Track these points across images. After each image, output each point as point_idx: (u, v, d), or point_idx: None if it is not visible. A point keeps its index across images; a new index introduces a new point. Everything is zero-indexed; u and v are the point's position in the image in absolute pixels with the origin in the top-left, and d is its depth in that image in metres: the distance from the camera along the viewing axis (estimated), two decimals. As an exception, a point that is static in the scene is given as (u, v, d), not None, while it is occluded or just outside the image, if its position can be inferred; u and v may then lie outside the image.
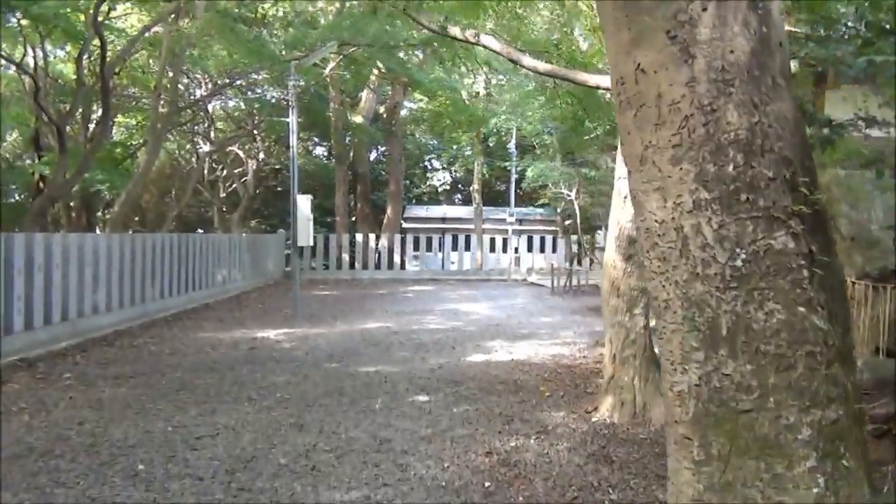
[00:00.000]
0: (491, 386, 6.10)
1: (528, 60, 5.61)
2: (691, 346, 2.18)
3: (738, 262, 2.07)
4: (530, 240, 20.87)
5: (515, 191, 21.98)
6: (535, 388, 6.02)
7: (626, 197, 5.05)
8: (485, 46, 5.96)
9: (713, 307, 2.11)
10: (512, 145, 21.19)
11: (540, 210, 29.70)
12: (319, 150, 30.68)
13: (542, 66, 5.71)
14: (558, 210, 25.11)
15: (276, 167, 23.68)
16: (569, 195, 19.60)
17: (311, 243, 10.69)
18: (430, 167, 36.51)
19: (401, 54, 15.67)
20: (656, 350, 6.11)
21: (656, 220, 2.24)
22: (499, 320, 10.71)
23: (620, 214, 5.11)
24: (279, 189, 25.43)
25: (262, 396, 5.67)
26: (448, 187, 34.43)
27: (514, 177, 21.62)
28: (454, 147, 32.81)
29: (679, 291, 2.19)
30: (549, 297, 14.45)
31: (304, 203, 10.39)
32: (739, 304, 2.08)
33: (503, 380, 6.36)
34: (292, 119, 10.46)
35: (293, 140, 10.43)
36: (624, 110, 2.34)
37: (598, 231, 21.50)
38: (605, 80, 5.32)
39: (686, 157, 2.14)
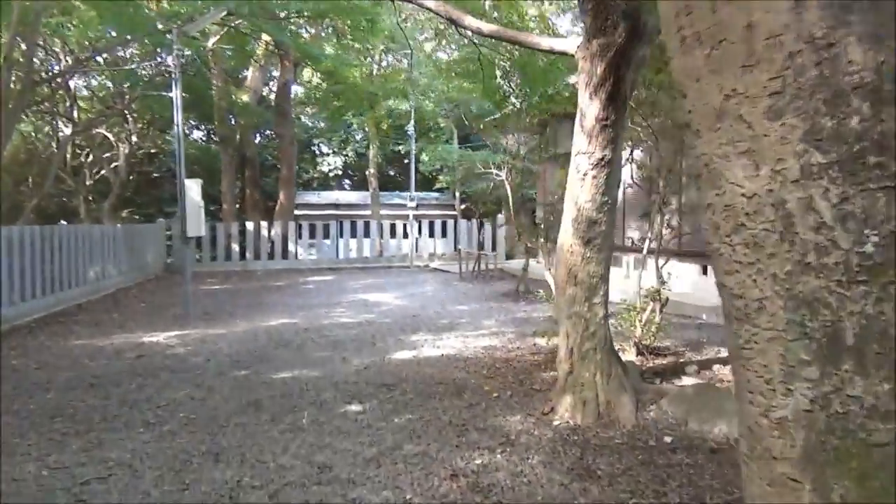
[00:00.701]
0: (429, 388, 5.47)
1: (470, 20, 4.98)
2: (799, 360, 1.63)
3: (869, 248, 1.54)
4: (431, 225, 20.32)
5: (415, 175, 21.30)
6: (477, 387, 5.46)
7: (585, 174, 4.56)
8: (419, 4, 5.26)
9: (833, 308, 1.57)
10: (411, 127, 20.50)
11: (436, 194, 29.31)
12: (198, 134, 28.58)
13: (487, 26, 5.10)
14: (457, 194, 24.78)
15: (152, 151, 21.66)
16: (498, 175, 19.08)
17: (203, 233, 9.56)
18: (318, 152, 35.11)
19: (292, 27, 14.53)
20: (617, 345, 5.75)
21: (743, 194, 1.66)
22: (413, 310, 10.09)
23: (579, 193, 4.60)
24: (155, 176, 23.36)
25: (160, 419, 4.74)
26: (339, 172, 33.22)
27: (413, 160, 20.93)
28: (345, 130, 31.74)
29: (780, 288, 1.63)
30: (458, 283, 13.99)
31: (193, 188, 9.23)
32: (871, 304, 1.54)
33: (440, 379, 5.75)
34: (176, 93, 9.22)
35: (178, 117, 9.21)
36: (689, 50, 1.74)
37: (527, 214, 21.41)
38: (559, 43, 4.79)
39: (790, 108, 1.57)
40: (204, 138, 27.15)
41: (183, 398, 5.27)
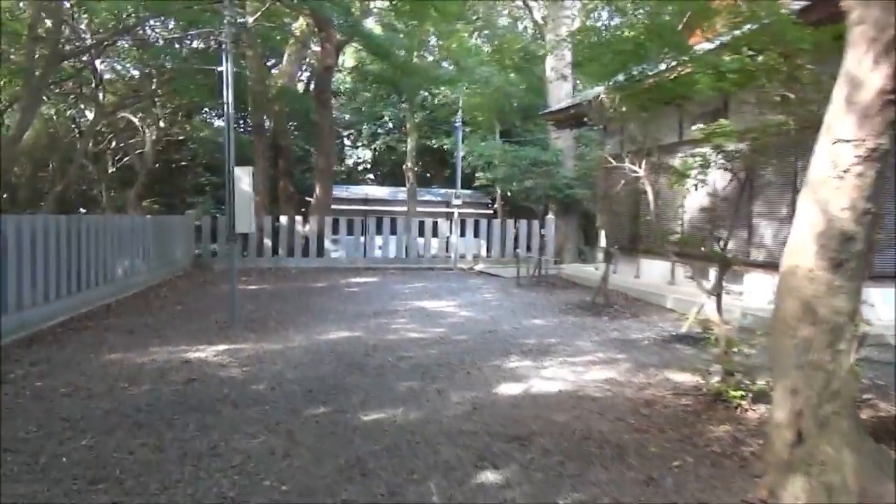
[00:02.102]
0: (575, 445, 4.20)
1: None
2: None
3: None
4: (475, 224, 19.00)
5: (462, 170, 19.99)
6: (639, 447, 4.18)
7: (846, 170, 3.25)
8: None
9: None
10: (458, 117, 19.22)
11: (468, 191, 28.01)
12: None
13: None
14: (498, 192, 23.48)
15: (180, 138, 20.53)
16: (634, 171, 17.78)
17: (253, 229, 8.32)
18: (347, 143, 33.92)
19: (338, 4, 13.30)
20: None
21: None
22: (485, 324, 8.82)
23: (830, 196, 3.30)
24: (183, 164, 22.24)
25: (239, 488, 3.50)
26: (368, 165, 32.01)
27: (459, 154, 19.64)
28: (374, 122, 30.52)
29: None
30: (517, 290, 12.71)
31: (243, 178, 8.02)
32: None
33: (581, 431, 4.48)
34: (227, 66, 8.00)
35: (228, 93, 7.96)
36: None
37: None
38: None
39: None
40: (237, 125, 25.99)
41: (259, 449, 4.03)
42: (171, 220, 15.09)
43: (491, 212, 26.60)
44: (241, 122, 25.27)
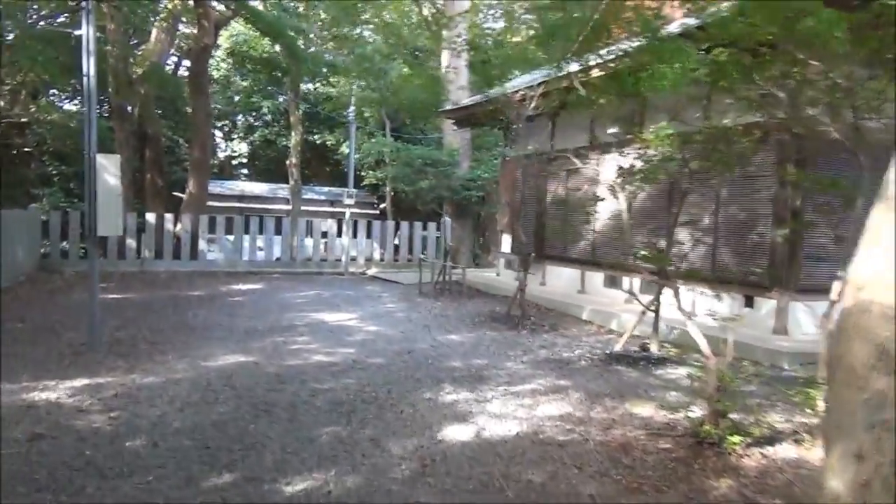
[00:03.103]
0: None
1: None
2: None
3: None
4: (355, 225, 17.73)
5: (355, 168, 18.72)
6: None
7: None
8: None
9: None
10: (350, 112, 17.96)
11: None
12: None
13: None
14: (388, 192, 22.41)
15: (23, 121, 17.69)
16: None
17: (122, 231, 6.70)
18: (218, 135, 31.45)
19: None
20: None
21: None
22: (399, 341, 7.81)
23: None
24: (26, 151, 19.32)
25: None
26: (245, 160, 29.82)
27: (353, 148, 18.38)
28: (249, 113, 28.48)
29: None
30: (421, 298, 11.76)
31: (108, 167, 6.47)
32: None
33: (567, 495, 3.61)
34: (87, 31, 6.41)
35: (89, 64, 6.36)
36: None
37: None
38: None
39: None
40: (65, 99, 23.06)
41: (143, 558, 2.81)
42: (11, 214, 12.76)
43: (377, 212, 25.51)
44: (100, 105, 22.47)
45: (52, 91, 21.05)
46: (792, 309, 8.04)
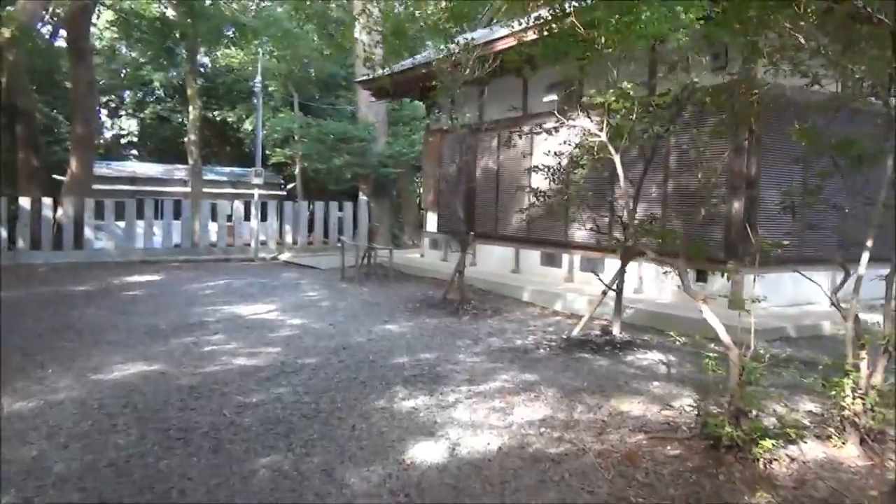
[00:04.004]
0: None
1: None
2: None
3: None
4: (264, 206, 16.32)
5: (264, 147, 17.22)
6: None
7: None
8: None
9: None
10: (257, 82, 16.44)
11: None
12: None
13: None
14: (298, 170, 20.97)
15: None
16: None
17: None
18: (103, 112, 28.69)
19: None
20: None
21: None
22: (329, 336, 6.84)
23: None
24: None
25: None
26: (135, 138, 27.32)
27: (260, 122, 16.89)
28: (147, 85, 26.07)
29: None
30: (344, 284, 10.76)
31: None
32: None
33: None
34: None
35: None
36: None
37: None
38: None
39: None
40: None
41: None
42: None
43: (284, 193, 24.02)
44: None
45: None
46: (747, 282, 7.67)
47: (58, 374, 5.19)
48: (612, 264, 8.91)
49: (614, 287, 6.55)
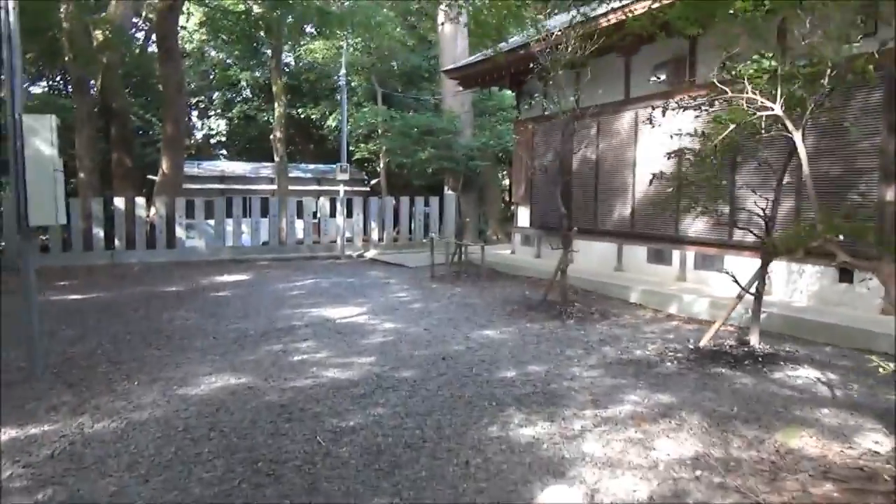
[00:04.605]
0: None
1: None
2: None
3: None
4: (349, 203, 16.03)
5: (347, 142, 16.95)
6: None
7: None
8: None
9: None
10: (342, 76, 16.18)
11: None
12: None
13: None
14: (382, 166, 20.65)
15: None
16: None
17: (63, 219, 5.01)
18: (195, 114, 29.45)
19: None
20: None
21: None
22: (425, 343, 6.27)
23: None
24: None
25: None
26: (223, 138, 27.84)
27: (345, 117, 16.64)
28: (234, 86, 26.46)
29: None
30: (435, 284, 10.21)
31: (40, 130, 4.79)
32: None
33: None
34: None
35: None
36: None
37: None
38: None
39: None
40: (46, 85, 21.08)
41: None
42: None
43: (368, 189, 23.82)
44: (61, 81, 20.48)
45: None
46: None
47: (143, 387, 4.84)
48: (735, 262, 7.96)
49: (752, 290, 5.65)
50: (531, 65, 10.19)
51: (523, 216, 12.73)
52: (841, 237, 3.55)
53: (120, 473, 3.38)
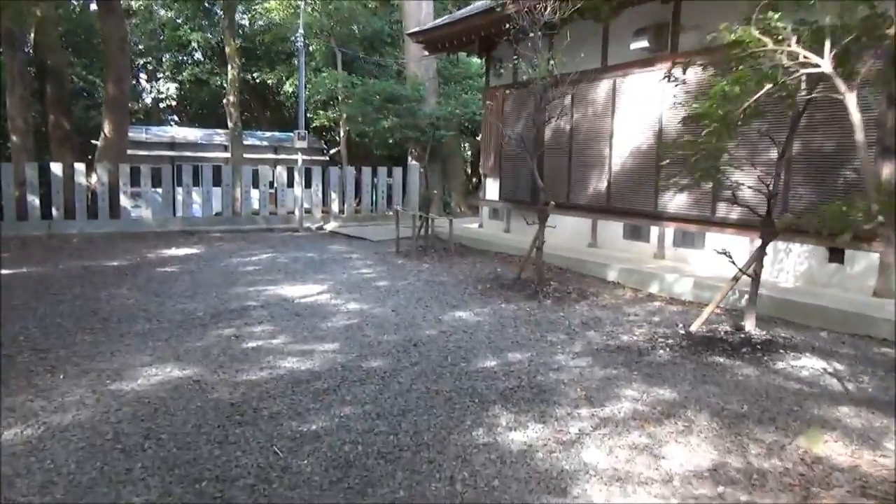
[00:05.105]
0: None
1: None
2: None
3: None
4: (308, 173, 15.19)
5: (305, 109, 16.07)
6: None
7: None
8: None
9: None
10: (299, 37, 15.23)
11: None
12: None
13: None
14: (342, 134, 19.77)
15: None
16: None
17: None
18: (143, 76, 27.89)
19: None
20: None
21: None
22: (394, 328, 5.72)
23: None
24: None
25: None
26: (173, 102, 26.42)
27: (303, 82, 15.73)
28: (185, 47, 25.04)
29: None
30: (401, 259, 9.62)
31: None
32: None
33: None
34: None
35: None
36: None
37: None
38: None
39: None
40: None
41: None
42: None
43: (326, 158, 22.93)
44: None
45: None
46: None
47: (70, 382, 4.17)
48: (718, 240, 7.59)
49: (748, 271, 5.24)
50: (504, 27, 9.58)
51: (492, 189, 12.20)
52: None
53: (30, 495, 2.76)
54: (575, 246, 9.73)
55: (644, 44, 8.57)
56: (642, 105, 8.83)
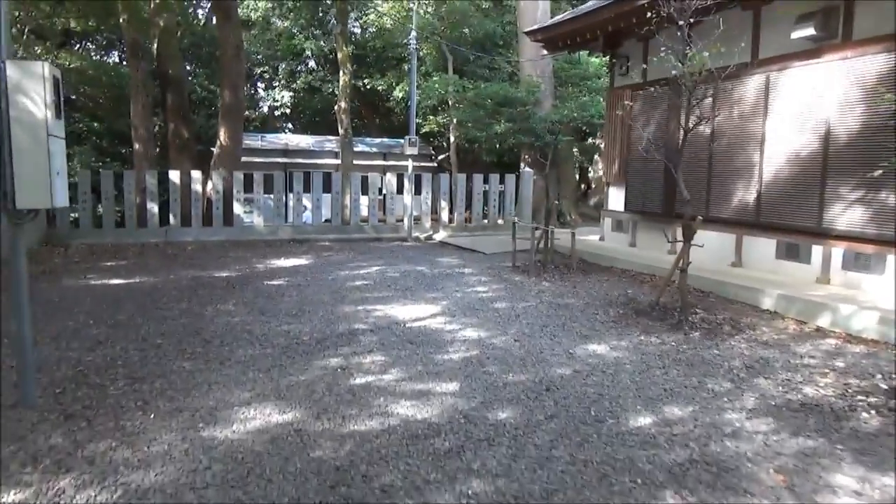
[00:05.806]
0: None
1: None
2: None
3: None
4: (418, 180, 14.74)
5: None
6: None
7: None
8: None
9: None
10: (412, 39, 14.82)
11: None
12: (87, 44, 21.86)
13: None
14: (451, 140, 19.27)
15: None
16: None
17: (62, 201, 3.95)
18: (259, 85, 28.67)
19: None
20: None
21: None
22: (520, 364, 4.93)
23: None
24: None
25: None
26: (287, 110, 26.92)
27: (414, 87, 15.32)
28: (299, 56, 25.47)
29: None
30: (518, 276, 8.82)
31: (27, 84, 3.64)
32: None
33: None
34: None
35: None
36: None
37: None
38: None
39: None
40: (101, 50, 20.53)
41: None
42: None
43: (434, 164, 22.51)
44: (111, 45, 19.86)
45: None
46: None
47: (161, 422, 3.69)
48: (905, 264, 6.27)
49: None
50: (634, 20, 8.60)
51: (616, 198, 11.16)
52: None
53: None
54: (715, 266, 8.55)
55: (809, 31, 7.33)
56: (804, 103, 7.58)
